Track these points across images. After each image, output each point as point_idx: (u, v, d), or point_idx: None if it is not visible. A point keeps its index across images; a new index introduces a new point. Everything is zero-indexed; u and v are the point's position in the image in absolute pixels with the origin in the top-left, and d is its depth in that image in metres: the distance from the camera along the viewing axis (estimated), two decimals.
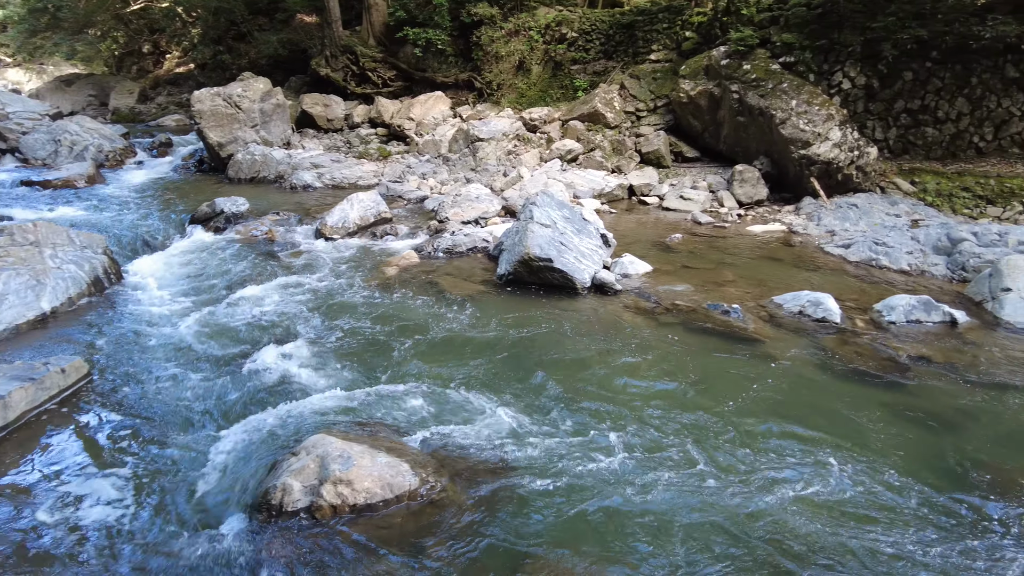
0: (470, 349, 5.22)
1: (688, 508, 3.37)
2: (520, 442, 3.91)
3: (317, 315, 5.86)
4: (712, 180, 11.49)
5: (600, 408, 4.36)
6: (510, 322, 5.75)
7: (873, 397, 4.70)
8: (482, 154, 13.01)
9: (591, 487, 3.49)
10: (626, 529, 3.21)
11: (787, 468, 3.77)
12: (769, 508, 3.39)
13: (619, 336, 5.58)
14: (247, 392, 4.52)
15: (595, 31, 14.96)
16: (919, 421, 4.38)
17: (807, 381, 4.90)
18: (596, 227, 7.53)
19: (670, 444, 3.96)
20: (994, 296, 6.45)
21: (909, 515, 3.40)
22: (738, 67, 11.33)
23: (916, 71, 11.11)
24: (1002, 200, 10.02)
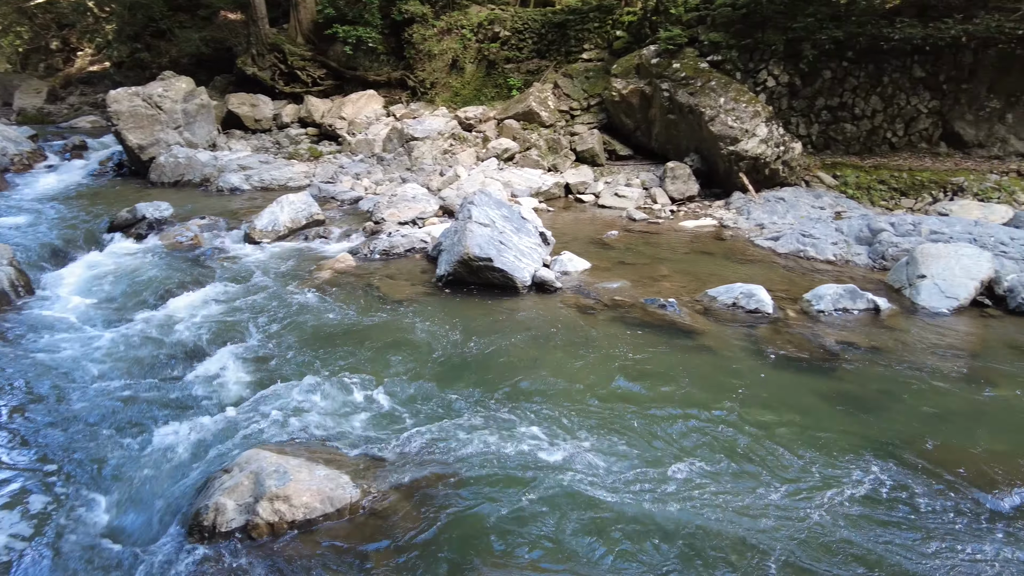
0: (410, 353, 5.11)
1: (633, 503, 3.38)
2: (463, 446, 3.84)
3: (247, 324, 5.62)
4: (645, 177, 11.70)
5: (543, 407, 4.34)
6: (451, 324, 5.67)
7: (805, 383, 4.85)
8: (417, 153, 12.85)
9: (535, 488, 3.46)
10: (574, 529, 3.20)
11: (726, 454, 3.84)
12: (711, 495, 3.44)
13: (560, 334, 5.59)
14: (173, 409, 4.28)
15: (528, 30, 15.01)
16: (848, 404, 4.55)
17: (743, 370, 5.02)
18: (535, 225, 7.53)
19: (612, 439, 3.97)
20: (911, 283, 6.79)
21: (842, 492, 3.51)
22: (668, 66, 11.57)
23: (834, 70, 11.62)
24: (914, 192, 10.59)
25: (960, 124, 11.59)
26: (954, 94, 11.47)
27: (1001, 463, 3.86)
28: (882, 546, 3.15)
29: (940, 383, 4.91)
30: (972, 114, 11.53)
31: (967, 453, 3.97)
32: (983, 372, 5.12)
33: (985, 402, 4.70)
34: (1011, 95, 11.32)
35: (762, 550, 3.08)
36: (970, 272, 6.62)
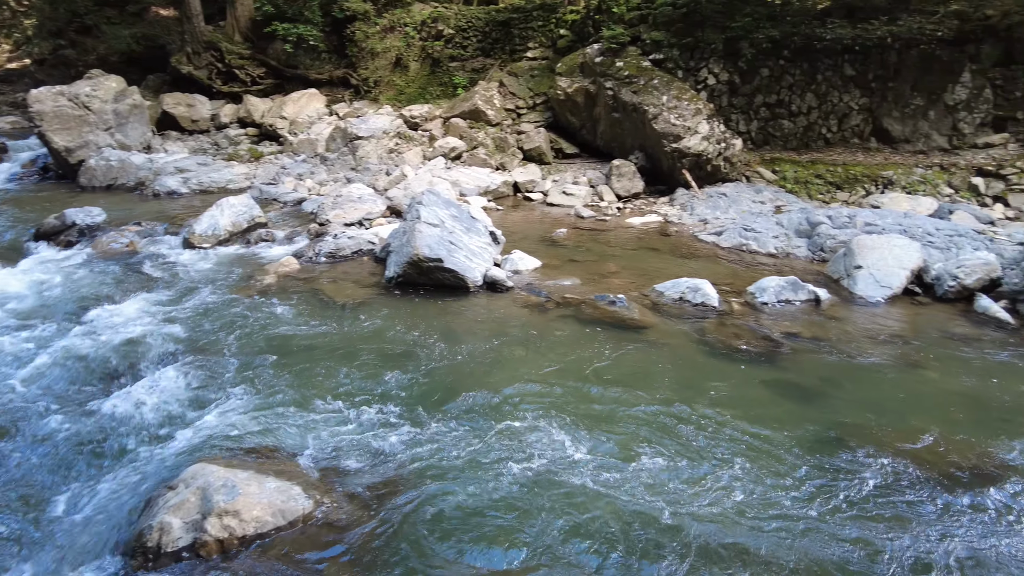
0: (360, 358, 5.02)
1: (588, 499, 3.39)
2: (417, 450, 3.79)
3: (189, 333, 5.41)
4: (592, 175, 11.82)
5: (496, 407, 4.32)
6: (401, 326, 5.60)
7: (751, 374, 4.98)
8: (362, 153, 12.64)
9: (489, 490, 3.44)
10: (530, 530, 3.19)
11: (675, 445, 3.90)
12: (662, 485, 3.49)
13: (513, 332, 5.58)
14: (111, 426, 4.07)
15: (472, 28, 14.95)
16: (792, 392, 4.69)
17: (691, 363, 5.12)
18: (485, 225, 7.51)
19: (567, 437, 3.98)
20: (849, 273, 7.06)
21: (786, 476, 3.61)
22: (611, 64, 11.70)
23: (771, 68, 11.98)
24: (848, 185, 11.02)
25: (888, 120, 12.11)
26: (882, 92, 11.99)
27: (934, 442, 4.04)
28: (823, 524, 3.25)
29: (877, 369, 5.12)
30: (898, 111, 12.06)
31: (903, 434, 4.14)
32: (915, 357, 5.37)
33: (918, 385, 4.92)
34: (932, 93, 11.90)
35: (707, 535, 3.14)
36: (902, 262, 6.93)
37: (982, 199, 10.71)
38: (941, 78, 11.86)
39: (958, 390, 4.85)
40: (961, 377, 5.05)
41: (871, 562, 3.04)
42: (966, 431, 4.21)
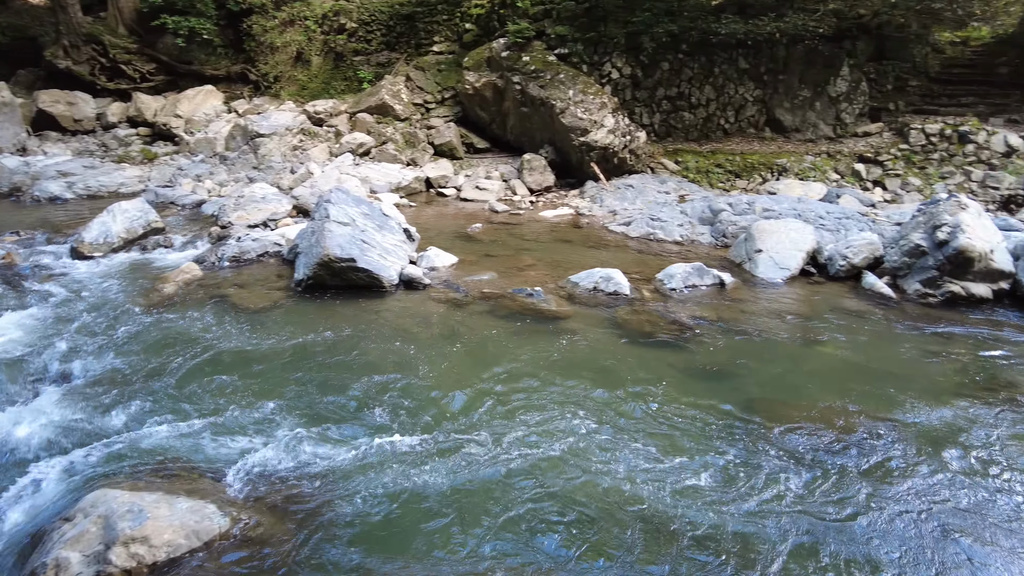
0: (271, 366, 4.82)
1: (513, 491, 3.41)
2: (336, 457, 3.69)
3: (83, 349, 5.02)
4: (504, 170, 11.87)
5: (417, 408, 4.27)
6: (314, 330, 5.42)
7: (664, 357, 5.16)
8: (264, 151, 12.15)
9: (411, 493, 3.39)
10: (455, 531, 3.18)
11: (595, 429, 3.98)
12: (582, 468, 3.56)
13: (432, 330, 5.53)
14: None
15: (375, 22, 14.65)
16: (703, 372, 4.90)
17: (607, 349, 5.25)
18: (398, 222, 7.39)
19: (489, 431, 3.98)
20: (750, 257, 7.43)
21: (702, 451, 3.77)
22: (518, 59, 11.78)
23: (671, 62, 12.42)
24: (746, 174, 11.60)
25: (780, 111, 12.84)
26: (773, 84, 12.69)
27: (832, 411, 4.33)
28: (736, 494, 3.42)
29: (780, 346, 5.43)
30: (789, 102, 12.81)
31: (804, 406, 4.41)
32: (813, 333, 5.73)
33: (816, 359, 5.26)
34: (817, 85, 12.71)
35: (627, 511, 3.24)
36: (798, 245, 7.36)
37: (864, 183, 11.54)
38: (824, 71, 12.69)
39: (851, 361, 5.22)
40: (853, 349, 5.44)
41: (779, 525, 3.22)
42: (859, 399, 4.53)
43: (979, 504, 3.45)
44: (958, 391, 4.72)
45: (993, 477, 3.69)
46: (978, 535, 3.22)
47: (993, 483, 3.63)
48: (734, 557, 3.02)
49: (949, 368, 5.14)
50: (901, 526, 3.27)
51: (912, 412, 4.39)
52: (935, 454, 3.89)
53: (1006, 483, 3.64)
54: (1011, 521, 3.32)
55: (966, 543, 3.16)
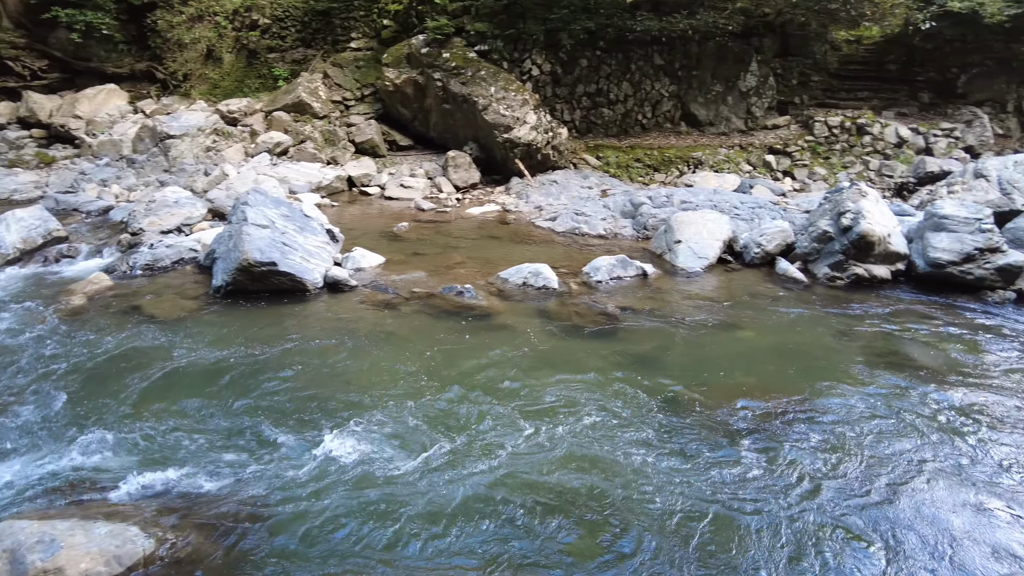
0: (191, 377, 4.61)
1: (448, 491, 3.41)
2: (265, 469, 3.58)
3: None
4: (429, 167, 11.79)
5: (347, 413, 4.19)
6: (235, 339, 5.22)
7: (593, 348, 5.27)
8: (176, 153, 11.59)
9: (345, 502, 3.33)
10: (390, 532, 3.15)
11: (530, 422, 4.03)
12: (522, 459, 3.60)
13: (360, 333, 5.43)
14: None
15: (289, 18, 14.20)
16: (631, 361, 5.03)
17: (538, 343, 5.31)
18: (320, 222, 7.21)
19: (423, 433, 3.96)
20: (670, 248, 7.68)
21: (632, 437, 3.88)
22: (438, 55, 11.70)
23: (590, 59, 12.64)
24: (664, 167, 11.96)
25: (694, 106, 13.30)
26: (687, 80, 13.12)
27: (753, 390, 4.54)
28: (667, 472, 3.54)
29: (701, 332, 5.65)
30: (702, 97, 13.28)
31: (726, 387, 4.60)
32: (732, 318, 5.99)
33: (735, 343, 5.50)
34: (728, 81, 13.24)
35: (561, 496, 3.30)
36: (715, 234, 7.66)
37: (775, 174, 12.12)
38: (734, 67, 13.23)
39: (768, 343, 5.49)
40: (769, 332, 5.72)
41: (710, 501, 3.35)
42: (776, 378, 4.78)
43: (888, 468, 3.70)
44: (864, 366, 5.05)
45: (897, 442, 3.97)
46: (890, 497, 3.46)
47: (897, 447, 3.91)
48: (657, 534, 3.13)
49: (856, 345, 5.48)
50: (820, 494, 3.47)
51: (824, 387, 4.66)
52: (845, 425, 4.15)
53: (908, 447, 3.92)
54: (914, 479, 3.58)
55: (883, 504, 3.39)
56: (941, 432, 4.12)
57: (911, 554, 3.07)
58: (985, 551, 3.10)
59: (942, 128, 12.67)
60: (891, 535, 3.18)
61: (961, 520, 3.30)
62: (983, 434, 4.10)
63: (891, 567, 2.99)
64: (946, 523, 3.28)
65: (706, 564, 2.98)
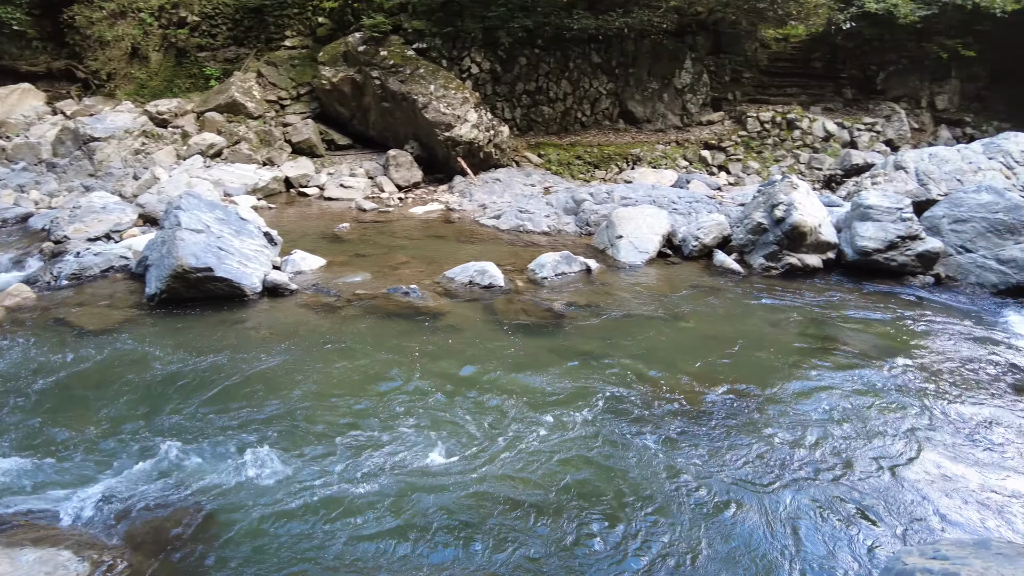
0: (123, 390, 4.41)
1: (388, 495, 3.38)
2: (202, 482, 3.46)
3: None
4: (369, 166, 11.63)
5: (290, 422, 4.09)
6: (171, 348, 5.03)
7: (541, 344, 5.31)
8: (101, 156, 11.07)
9: (289, 512, 3.26)
10: (333, 539, 3.10)
11: (480, 421, 4.03)
12: (466, 459, 3.60)
13: (301, 337, 5.31)
14: None
15: (219, 15, 13.74)
16: (577, 355, 5.09)
17: (486, 341, 5.32)
18: (257, 225, 7.02)
19: (365, 435, 3.91)
20: (612, 243, 7.81)
21: (581, 431, 3.93)
22: (376, 53, 11.55)
23: (528, 57, 12.70)
24: (604, 164, 12.14)
25: (632, 103, 13.54)
26: (624, 77, 13.35)
27: (696, 378, 4.66)
28: (615, 460, 3.60)
29: (645, 324, 5.76)
30: (639, 94, 13.54)
31: (672, 378, 4.71)
32: (674, 309, 6.13)
33: (677, 334, 5.64)
34: (664, 78, 13.53)
35: (513, 497, 3.32)
36: (654, 229, 7.83)
37: (710, 168, 12.46)
38: (669, 65, 13.53)
39: (708, 333, 5.65)
40: (709, 322, 5.89)
41: (659, 490, 3.43)
42: (717, 366, 4.92)
43: (825, 448, 3.86)
44: (800, 350, 5.26)
45: (832, 424, 4.15)
46: (833, 470, 3.61)
47: (831, 428, 4.08)
48: (606, 527, 3.18)
49: (792, 331, 5.71)
50: (765, 473, 3.59)
51: (764, 372, 4.83)
52: (785, 407, 4.31)
53: (840, 426, 4.10)
54: (853, 453, 3.76)
55: (828, 478, 3.54)
56: (872, 407, 4.33)
57: (862, 524, 3.22)
58: (927, 514, 3.28)
59: (864, 123, 13.29)
60: (838, 508, 3.33)
61: (898, 486, 3.48)
62: (910, 406, 4.33)
63: (841, 539, 3.13)
64: (885, 491, 3.45)
65: (648, 551, 3.04)
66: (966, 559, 2.49)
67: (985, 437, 4.07)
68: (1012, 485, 3.59)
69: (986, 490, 3.54)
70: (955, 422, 4.22)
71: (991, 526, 3.25)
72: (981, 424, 4.21)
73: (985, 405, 4.45)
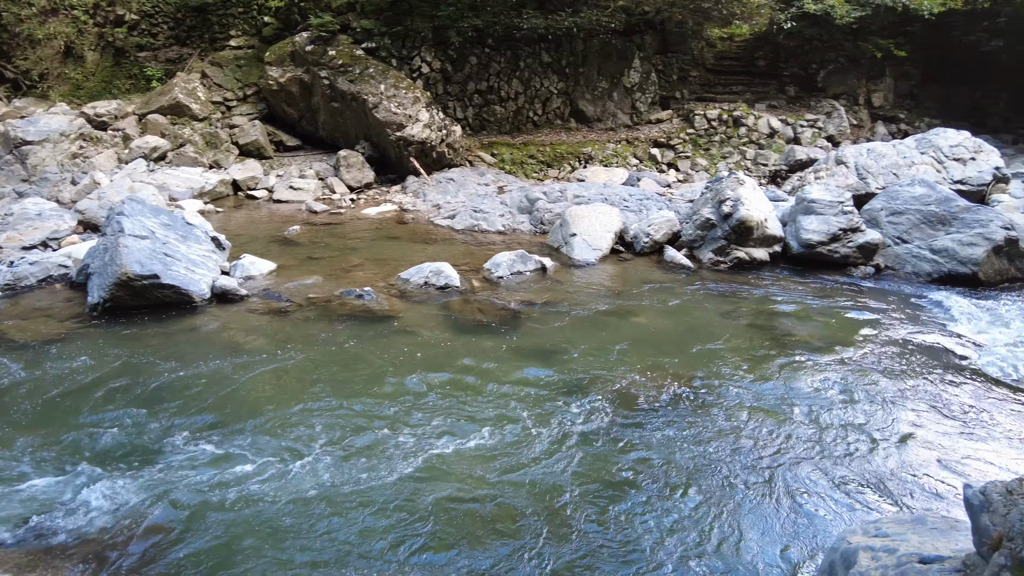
0: (64, 406, 4.24)
1: (351, 504, 3.36)
2: (147, 495, 3.37)
3: None
4: (319, 167, 11.45)
5: (237, 431, 4.00)
6: (116, 360, 4.85)
7: (498, 343, 5.33)
8: (35, 160, 10.60)
9: (232, 524, 3.19)
10: (282, 559, 3.06)
11: (440, 421, 4.02)
12: (426, 461, 3.59)
13: (253, 344, 5.21)
14: None
15: (160, 13, 13.31)
16: (535, 353, 5.13)
17: (443, 342, 5.31)
18: (204, 230, 6.84)
19: (315, 443, 3.86)
20: (566, 241, 7.88)
21: (538, 427, 3.96)
22: (324, 53, 11.39)
23: (479, 56, 12.70)
24: (557, 163, 12.23)
25: (582, 103, 13.67)
26: (575, 77, 13.47)
27: (649, 371, 4.75)
28: (573, 453, 3.65)
29: (600, 320, 5.84)
30: (590, 94, 13.68)
31: (626, 371, 4.79)
32: (627, 304, 6.23)
33: (631, 329, 5.73)
34: (613, 77, 13.71)
35: (470, 490, 3.34)
36: (607, 226, 7.94)
37: (660, 166, 12.68)
38: (618, 64, 13.71)
39: (661, 327, 5.76)
40: (662, 316, 6.01)
41: (613, 483, 3.49)
42: (670, 359, 5.02)
43: (774, 435, 3.99)
44: (748, 341, 5.41)
45: (780, 411, 4.29)
46: (781, 461, 3.73)
47: (780, 416, 4.22)
48: (553, 518, 3.22)
49: (741, 323, 5.87)
50: (720, 460, 3.69)
51: (715, 363, 4.95)
52: (736, 398, 4.44)
53: (788, 413, 4.24)
54: (805, 436, 3.89)
55: (777, 470, 3.65)
56: (818, 393, 4.49)
57: (811, 506, 3.33)
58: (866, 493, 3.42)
59: (807, 119, 13.73)
60: (784, 488, 3.44)
61: (842, 465, 3.62)
62: (854, 390, 4.51)
63: (783, 519, 3.24)
64: (831, 474, 3.58)
65: (595, 544, 3.10)
66: (904, 535, 2.61)
67: (921, 417, 4.26)
68: (947, 463, 3.77)
69: (924, 469, 3.72)
70: (894, 404, 4.41)
71: (927, 504, 3.41)
72: (918, 405, 4.41)
73: (921, 387, 4.66)
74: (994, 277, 6.99)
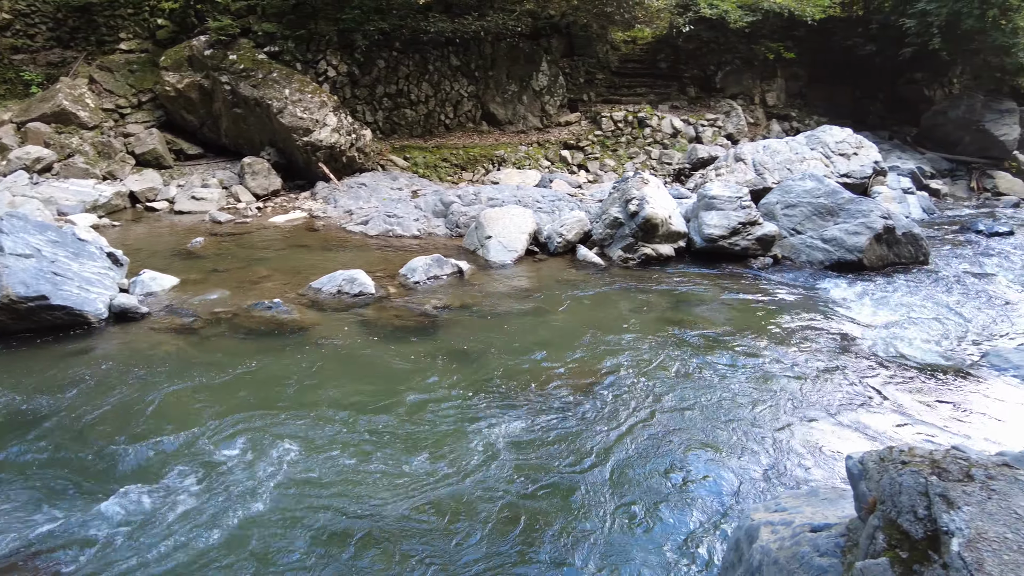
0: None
1: (279, 525, 3.28)
2: (48, 541, 3.18)
3: None
4: (223, 176, 11.02)
5: (140, 459, 3.82)
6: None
7: (414, 348, 5.30)
8: None
9: (142, 558, 3.08)
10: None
11: (354, 437, 3.97)
12: (347, 479, 3.55)
13: (156, 364, 4.96)
14: None
15: (37, 13, 12.43)
16: (454, 357, 5.14)
17: (358, 352, 5.24)
18: (99, 246, 6.45)
19: (233, 466, 3.75)
20: (482, 244, 7.94)
21: (462, 433, 3.99)
22: (224, 57, 10.97)
23: (387, 59, 12.58)
24: (471, 166, 12.28)
25: (493, 106, 13.78)
26: (484, 80, 13.56)
27: (564, 367, 4.87)
28: (493, 454, 3.70)
29: (517, 320, 5.92)
30: (500, 96, 13.80)
31: (545, 369, 4.89)
32: (542, 304, 6.35)
33: (548, 327, 5.85)
34: (522, 80, 13.90)
35: (391, 511, 3.33)
36: (521, 228, 8.05)
37: (570, 167, 12.96)
38: (527, 67, 13.91)
39: (575, 324, 5.90)
40: (576, 314, 6.16)
41: (538, 483, 3.56)
42: (584, 354, 5.16)
43: (682, 422, 4.18)
44: (660, 332, 5.63)
45: (688, 398, 4.49)
46: (691, 446, 3.91)
47: (687, 402, 4.42)
48: (479, 519, 3.27)
49: (651, 316, 6.10)
50: (635, 453, 3.83)
51: (628, 355, 5.12)
52: (647, 388, 4.61)
53: (696, 399, 4.45)
54: (715, 419, 4.09)
55: (689, 450, 3.83)
56: (723, 378, 4.73)
57: (718, 489, 3.51)
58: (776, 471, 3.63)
59: (707, 119, 14.39)
60: (697, 476, 3.61)
61: (752, 447, 3.84)
62: (756, 374, 4.78)
63: (698, 503, 3.40)
64: (738, 456, 3.79)
65: (526, 542, 3.16)
66: (799, 508, 2.80)
67: (817, 395, 4.57)
68: (839, 436, 4.07)
69: (819, 443, 3.99)
70: (793, 384, 4.71)
71: (821, 476, 3.67)
72: (815, 384, 4.73)
73: (816, 367, 5.00)
74: (877, 263, 7.57)
